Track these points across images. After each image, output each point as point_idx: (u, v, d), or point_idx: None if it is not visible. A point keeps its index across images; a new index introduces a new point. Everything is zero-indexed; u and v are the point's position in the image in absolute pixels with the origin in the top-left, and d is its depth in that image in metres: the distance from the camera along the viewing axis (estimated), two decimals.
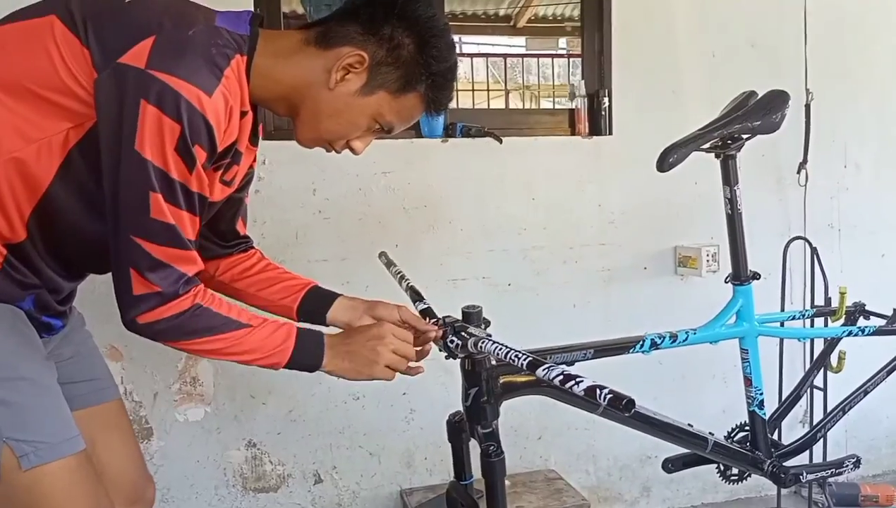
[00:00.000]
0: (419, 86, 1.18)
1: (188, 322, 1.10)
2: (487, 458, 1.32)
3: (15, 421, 1.06)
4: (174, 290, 1.08)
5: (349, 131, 1.21)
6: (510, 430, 2.35)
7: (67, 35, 1.03)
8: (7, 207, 1.06)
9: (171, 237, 1.06)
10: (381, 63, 1.15)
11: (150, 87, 0.99)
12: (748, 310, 1.72)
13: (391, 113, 1.20)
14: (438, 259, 2.30)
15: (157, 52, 1.00)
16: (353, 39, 1.14)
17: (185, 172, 1.04)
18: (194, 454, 2.18)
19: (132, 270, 1.06)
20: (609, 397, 0.87)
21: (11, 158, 1.03)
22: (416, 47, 1.16)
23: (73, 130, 1.04)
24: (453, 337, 1.26)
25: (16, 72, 1.03)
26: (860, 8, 2.63)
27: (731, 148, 1.65)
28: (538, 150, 2.38)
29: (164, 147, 1.01)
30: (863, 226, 2.69)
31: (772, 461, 1.78)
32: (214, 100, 1.02)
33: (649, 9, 2.44)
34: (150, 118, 0.99)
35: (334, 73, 1.14)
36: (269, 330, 1.17)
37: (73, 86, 1.02)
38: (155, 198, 1.03)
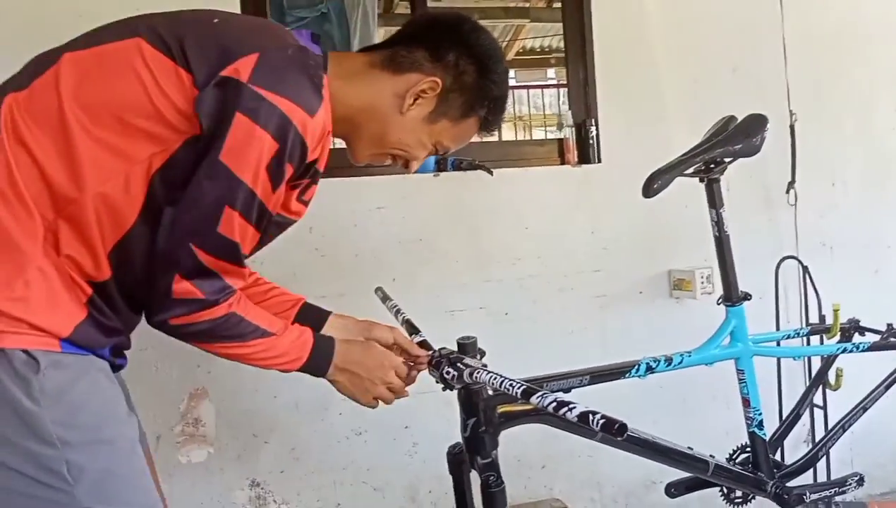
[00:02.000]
0: (480, 111, 1.23)
1: (219, 328, 1.08)
2: (488, 489, 1.32)
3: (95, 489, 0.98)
4: (215, 299, 1.06)
5: (414, 152, 1.25)
6: (513, 460, 2.34)
7: (159, 57, 1.00)
8: (95, 244, 1.01)
9: (230, 253, 1.04)
10: (449, 90, 1.19)
11: (251, 103, 0.97)
12: (742, 331, 1.74)
13: (450, 137, 1.25)
14: (435, 291, 2.31)
15: (261, 68, 0.98)
16: (422, 66, 1.18)
17: (269, 191, 1.03)
18: (198, 496, 2.18)
19: (178, 274, 1.02)
20: (602, 422, 0.89)
21: (99, 192, 0.99)
22: (477, 74, 1.20)
23: (156, 156, 1.00)
24: (449, 368, 1.28)
25: (102, 97, 0.99)
26: (837, 28, 2.68)
27: (714, 172, 1.69)
28: (529, 181, 2.41)
29: (258, 163, 0.99)
30: (854, 243, 2.71)
31: (774, 482, 1.78)
32: (315, 121, 1.02)
33: (630, 38, 2.49)
34: (245, 132, 0.97)
35: (408, 99, 1.17)
36: (290, 338, 1.18)
37: (164, 109, 0.99)
38: (228, 212, 1.01)
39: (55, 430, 0.95)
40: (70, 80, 0.99)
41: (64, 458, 0.96)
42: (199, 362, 2.12)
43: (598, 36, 2.46)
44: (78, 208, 0.98)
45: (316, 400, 2.21)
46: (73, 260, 1.00)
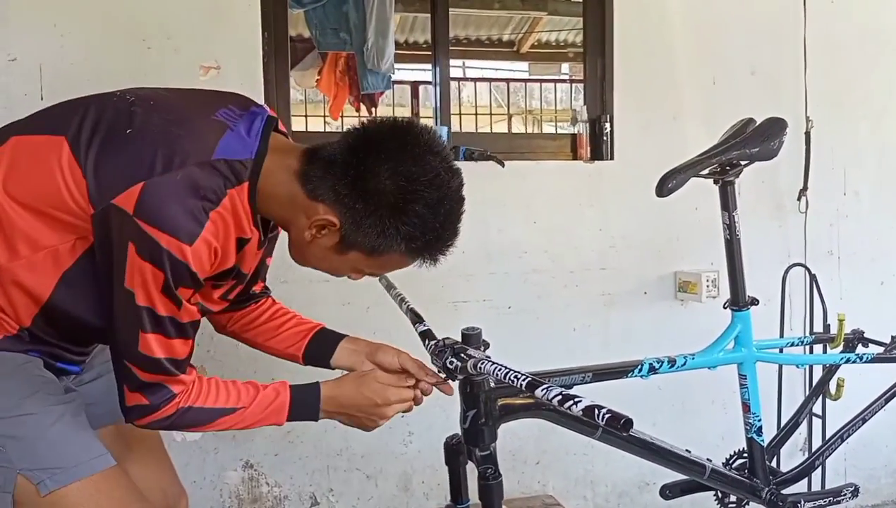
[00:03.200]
0: (392, 250, 1.14)
1: (178, 421, 1.17)
2: (485, 481, 1.32)
3: (25, 453, 1.12)
4: (159, 404, 1.14)
5: (334, 273, 1.24)
6: (508, 454, 2.34)
7: (73, 163, 1.07)
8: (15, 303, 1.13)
9: (156, 368, 1.12)
10: (350, 228, 1.12)
11: (135, 235, 1.04)
12: (746, 336, 1.72)
13: (371, 267, 1.21)
14: (439, 281, 2.30)
15: (143, 199, 1.03)
16: (327, 197, 1.11)
17: (174, 309, 1.10)
18: (191, 474, 2.17)
19: (125, 386, 1.14)
20: (607, 417, 0.87)
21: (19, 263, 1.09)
22: (390, 213, 1.10)
23: (79, 241, 1.09)
24: (452, 358, 1.26)
25: (27, 189, 1.09)
26: (858, 36, 2.66)
27: (729, 174, 1.67)
28: (540, 174, 2.40)
29: (150, 289, 1.06)
30: (862, 254, 2.69)
31: (770, 488, 1.77)
32: (196, 248, 1.06)
33: (651, 36, 2.47)
34: (136, 262, 1.05)
35: (308, 230, 1.14)
36: (262, 405, 1.22)
37: (76, 209, 1.07)
38: (143, 336, 1.09)
39: None
40: (7, 167, 1.10)
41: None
42: (198, 341, 2.11)
43: (617, 32, 2.44)
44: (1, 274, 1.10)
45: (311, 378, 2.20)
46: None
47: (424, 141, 1.12)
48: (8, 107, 1.96)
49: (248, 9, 2.14)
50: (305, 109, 4.70)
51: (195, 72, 2.08)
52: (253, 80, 2.13)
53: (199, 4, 2.10)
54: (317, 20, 3.27)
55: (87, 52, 2.01)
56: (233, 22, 2.13)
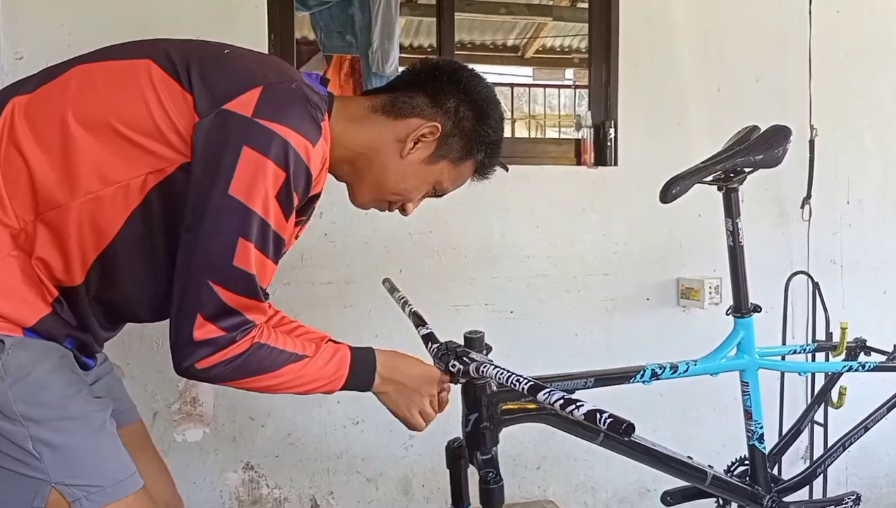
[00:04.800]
0: (477, 155, 1.26)
1: (247, 362, 1.08)
2: (486, 485, 1.31)
3: (64, 464, 1.02)
4: (235, 335, 1.05)
5: (412, 194, 1.27)
6: (508, 459, 2.34)
7: (167, 80, 1.04)
8: (70, 251, 1.04)
9: (248, 286, 1.04)
10: (448, 134, 1.22)
11: (257, 135, 1.00)
12: (749, 343, 1.72)
13: (449, 179, 1.28)
14: (442, 284, 2.30)
15: (264, 101, 1.02)
16: (422, 111, 1.20)
17: (282, 219, 1.05)
18: (191, 475, 2.17)
19: (199, 314, 1.02)
20: (609, 421, 0.87)
21: (87, 200, 1.01)
22: (476, 119, 1.23)
23: (151, 175, 1.03)
24: (455, 361, 1.26)
25: (105, 112, 1.02)
26: (865, 45, 2.66)
27: (733, 181, 1.67)
28: (544, 179, 2.40)
29: (267, 193, 1.01)
30: (865, 263, 2.69)
31: (771, 496, 1.77)
32: (317, 150, 1.06)
33: (656, 43, 2.47)
34: (253, 164, 1.00)
35: (408, 143, 1.20)
36: (325, 357, 1.17)
37: (165, 130, 1.02)
38: (244, 244, 1.02)
39: (18, 408, 0.99)
40: (78, 90, 1.04)
41: (28, 434, 1.00)
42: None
43: (623, 38, 2.44)
44: (60, 214, 1.01)
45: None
46: (43, 263, 1.03)
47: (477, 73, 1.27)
48: None
49: (254, 10, 2.15)
50: None
51: None
52: None
53: (206, 6, 2.11)
54: (322, 23, 3.28)
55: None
56: (239, 24, 2.13)
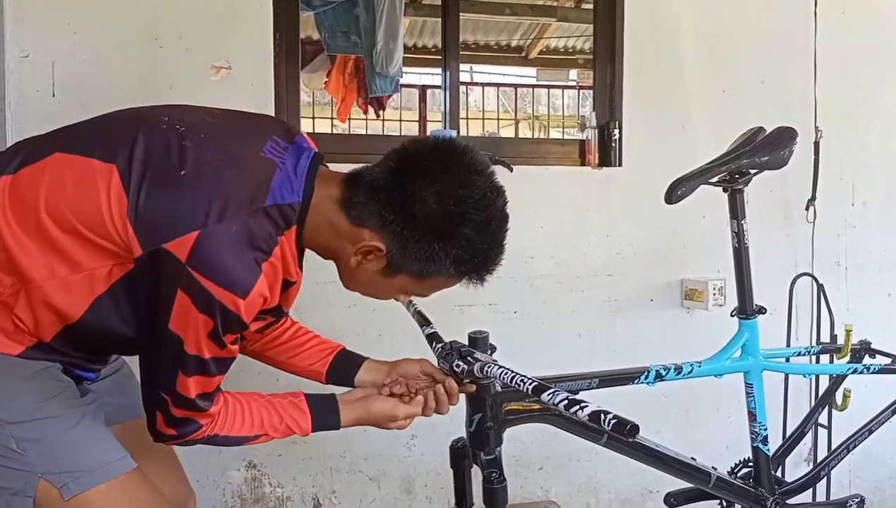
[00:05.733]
0: (440, 274, 1.14)
1: (208, 443, 1.20)
2: (490, 485, 1.32)
3: (47, 457, 1.11)
4: (186, 434, 1.17)
5: (381, 297, 1.25)
6: (511, 459, 2.33)
7: (121, 195, 1.06)
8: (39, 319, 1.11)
9: (188, 405, 1.13)
10: (398, 253, 1.12)
11: (188, 282, 1.03)
12: (754, 345, 1.72)
13: (419, 289, 1.20)
14: None
15: (197, 250, 1.03)
16: (373, 223, 1.11)
17: (218, 350, 1.10)
18: (194, 474, 2.15)
19: (158, 413, 1.14)
20: (614, 422, 0.87)
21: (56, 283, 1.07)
22: (438, 237, 1.09)
23: (116, 267, 1.07)
24: (459, 361, 1.26)
25: (69, 211, 1.06)
26: (869, 47, 2.66)
27: (738, 182, 1.66)
28: (548, 179, 2.39)
29: (198, 335, 1.07)
30: (870, 264, 2.68)
31: (775, 498, 1.76)
32: (249, 300, 1.06)
33: (661, 44, 2.47)
34: (184, 307, 1.04)
35: (354, 256, 1.14)
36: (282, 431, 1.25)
37: (117, 239, 1.06)
38: (181, 376, 1.10)
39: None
40: (49, 183, 1.08)
41: (10, 435, 1.09)
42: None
43: (628, 39, 2.44)
44: (32, 289, 1.08)
45: (318, 386, 2.20)
46: (21, 320, 1.11)
47: (467, 161, 1.11)
48: (20, 103, 1.97)
49: (260, 10, 2.15)
50: (313, 111, 4.72)
51: (206, 72, 2.09)
52: (263, 81, 2.14)
53: (212, 5, 2.11)
54: (327, 22, 3.28)
55: (99, 50, 2.02)
56: (245, 23, 2.14)
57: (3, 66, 1.94)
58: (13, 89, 1.97)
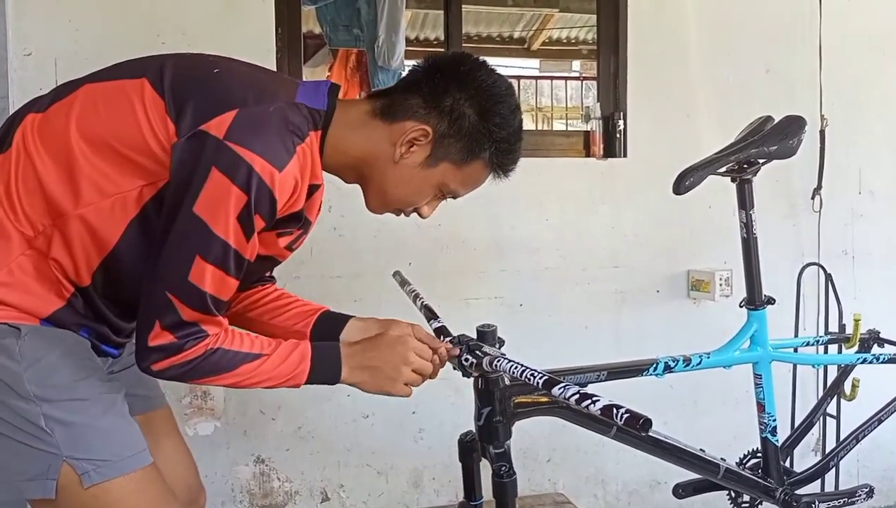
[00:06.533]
0: (483, 154, 1.20)
1: (200, 366, 1.12)
2: (499, 479, 1.31)
3: (74, 441, 1.09)
4: (186, 343, 1.10)
5: (416, 200, 1.24)
6: (519, 452, 2.33)
7: (156, 100, 1.08)
8: (76, 256, 1.10)
9: (201, 302, 1.08)
10: (444, 135, 1.17)
11: (224, 157, 1.03)
12: (762, 335, 1.71)
13: (456, 182, 1.23)
14: (451, 278, 2.30)
15: (236, 125, 1.04)
16: (416, 113, 1.17)
17: (243, 240, 1.07)
18: (203, 468, 2.13)
19: (157, 322, 1.07)
20: (626, 416, 0.87)
21: (88, 210, 1.08)
22: (478, 116, 1.17)
23: (146, 187, 1.08)
24: (468, 355, 1.26)
25: (102, 129, 1.08)
26: (875, 35, 2.64)
27: (747, 172, 1.66)
28: (553, 171, 2.39)
29: (228, 214, 1.04)
30: (877, 253, 2.67)
31: (784, 489, 1.76)
32: (284, 176, 1.06)
33: (665, 33, 2.46)
34: (219, 186, 1.03)
35: (398, 147, 1.17)
36: (282, 354, 1.17)
37: (154, 147, 1.06)
38: (199, 262, 1.05)
39: (31, 388, 1.07)
40: (81, 109, 1.10)
41: (41, 413, 1.07)
42: None
43: (631, 29, 2.43)
44: (65, 223, 1.08)
45: None
46: (58, 264, 1.10)
47: (485, 62, 1.22)
48: (23, 101, 1.94)
49: (261, 4, 2.14)
50: None
51: None
52: None
53: (214, 0, 2.11)
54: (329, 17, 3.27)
55: (101, 47, 2.01)
56: (247, 17, 2.13)
57: (5, 64, 1.94)
58: (16, 87, 1.97)
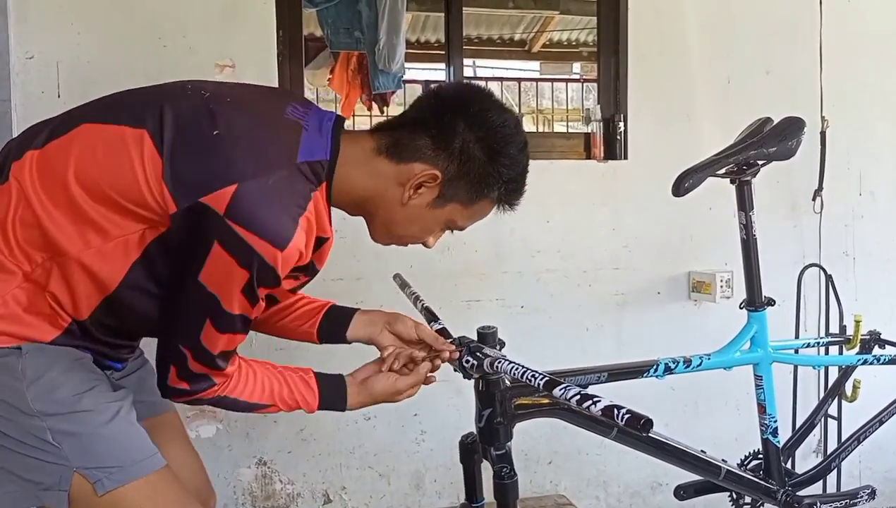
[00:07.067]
0: (491, 194, 1.21)
1: (216, 405, 1.20)
2: (500, 480, 1.31)
3: (83, 451, 1.10)
4: (198, 391, 1.16)
5: (422, 236, 1.25)
6: (520, 454, 2.33)
7: (155, 159, 1.07)
8: (76, 294, 1.10)
9: (208, 361, 1.13)
10: (453, 178, 1.17)
11: (227, 236, 1.03)
12: (763, 337, 1.72)
13: (463, 219, 1.24)
14: (452, 280, 2.30)
15: (236, 202, 1.03)
16: (424, 155, 1.16)
17: (249, 307, 1.10)
18: None
19: (173, 367, 1.13)
20: (627, 417, 0.87)
21: (91, 253, 1.08)
22: (487, 158, 1.17)
23: (148, 230, 1.08)
24: (469, 356, 1.26)
25: (100, 178, 1.07)
26: (876, 36, 2.64)
27: (746, 173, 1.66)
28: (554, 173, 2.39)
29: (232, 288, 1.07)
30: (878, 254, 2.67)
31: (785, 490, 1.76)
32: (288, 253, 1.07)
33: (665, 35, 2.46)
34: (220, 259, 1.04)
35: (407, 190, 1.17)
36: (290, 405, 1.25)
37: (151, 204, 1.06)
38: (209, 327, 1.09)
39: (35, 405, 1.08)
40: (79, 154, 1.09)
41: (47, 427, 1.08)
42: None
43: (632, 31, 2.43)
44: (66, 262, 1.08)
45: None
46: (55, 297, 1.10)
47: (494, 97, 1.23)
48: (25, 104, 1.97)
49: (262, 8, 2.15)
50: None
51: (210, 70, 2.09)
52: (267, 78, 2.14)
53: (215, 3, 2.11)
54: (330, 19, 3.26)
55: (103, 50, 2.02)
56: (248, 21, 2.13)
57: (8, 67, 1.95)
58: (18, 91, 1.98)
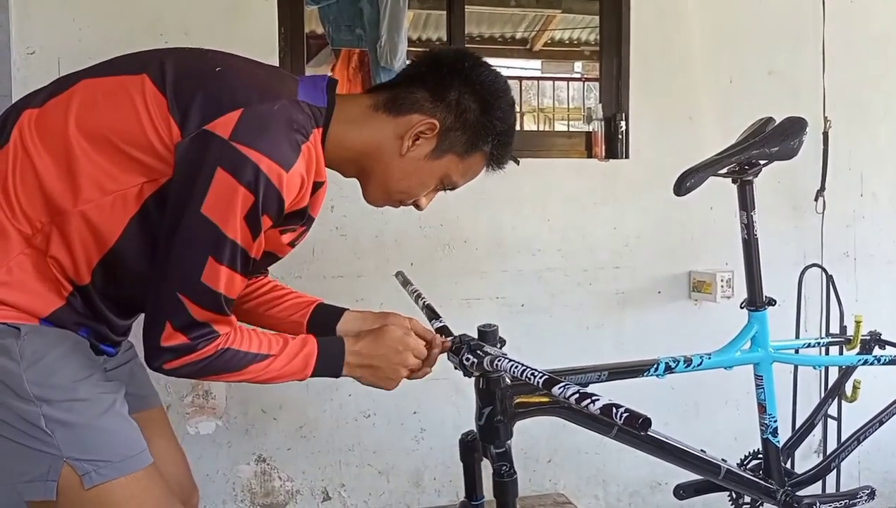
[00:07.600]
0: (484, 147, 1.24)
1: (211, 365, 1.13)
2: (500, 478, 1.31)
3: (75, 441, 1.08)
4: (199, 343, 1.11)
5: (418, 191, 1.26)
6: (520, 452, 2.33)
7: (158, 97, 1.07)
8: (76, 254, 1.09)
9: (214, 301, 1.09)
10: (449, 128, 1.20)
11: (231, 158, 1.03)
12: (763, 336, 1.71)
13: (457, 173, 1.26)
14: (453, 278, 2.30)
15: (242, 125, 1.04)
16: (422, 106, 1.19)
17: (250, 239, 1.08)
18: (204, 467, 2.18)
19: (168, 323, 1.08)
20: (625, 416, 0.87)
21: (88, 208, 1.07)
22: (480, 110, 1.21)
23: (147, 184, 1.07)
24: (469, 355, 1.26)
25: (102, 125, 1.07)
26: (878, 37, 2.64)
27: (748, 173, 1.66)
28: (555, 172, 2.39)
29: (235, 214, 1.05)
30: (879, 255, 2.67)
31: (785, 490, 1.76)
32: (291, 175, 1.07)
33: (667, 34, 2.46)
34: (225, 186, 1.03)
35: (406, 140, 1.19)
36: (290, 354, 1.20)
37: (156, 144, 1.06)
38: (212, 263, 1.06)
39: (31, 389, 1.06)
40: (80, 105, 1.09)
41: (41, 413, 1.06)
42: None
43: (634, 30, 2.43)
44: (65, 220, 1.07)
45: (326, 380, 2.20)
46: (57, 262, 1.09)
47: (483, 58, 1.26)
48: None
49: (264, 4, 2.15)
50: None
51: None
52: None
53: (216, 0, 2.11)
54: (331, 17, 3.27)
55: (105, 47, 2.00)
56: (250, 17, 2.13)
57: (9, 63, 1.95)
58: (19, 86, 1.97)
